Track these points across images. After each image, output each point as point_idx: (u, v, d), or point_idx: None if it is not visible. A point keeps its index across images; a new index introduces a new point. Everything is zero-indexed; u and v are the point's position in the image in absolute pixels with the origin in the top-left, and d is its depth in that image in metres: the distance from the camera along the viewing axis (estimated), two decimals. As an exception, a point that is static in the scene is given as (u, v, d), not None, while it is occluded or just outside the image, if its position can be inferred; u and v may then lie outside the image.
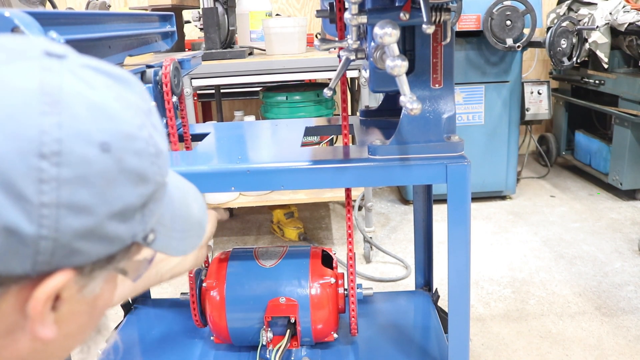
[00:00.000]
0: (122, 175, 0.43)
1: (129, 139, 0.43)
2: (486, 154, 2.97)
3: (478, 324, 1.93)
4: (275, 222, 2.79)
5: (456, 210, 0.99)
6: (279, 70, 2.25)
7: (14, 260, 0.39)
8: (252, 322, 1.21)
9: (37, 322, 0.43)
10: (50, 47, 0.43)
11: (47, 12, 1.10)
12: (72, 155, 0.40)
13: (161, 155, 0.47)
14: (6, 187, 0.37)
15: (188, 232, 0.56)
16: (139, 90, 0.48)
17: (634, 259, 2.34)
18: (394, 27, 0.79)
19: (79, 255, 0.42)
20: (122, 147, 0.43)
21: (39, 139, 0.38)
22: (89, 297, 0.47)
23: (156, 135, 0.47)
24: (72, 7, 3.50)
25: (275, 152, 1.22)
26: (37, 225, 0.39)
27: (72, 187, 0.40)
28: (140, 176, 0.44)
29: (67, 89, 0.41)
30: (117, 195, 0.42)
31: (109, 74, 0.46)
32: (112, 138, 0.42)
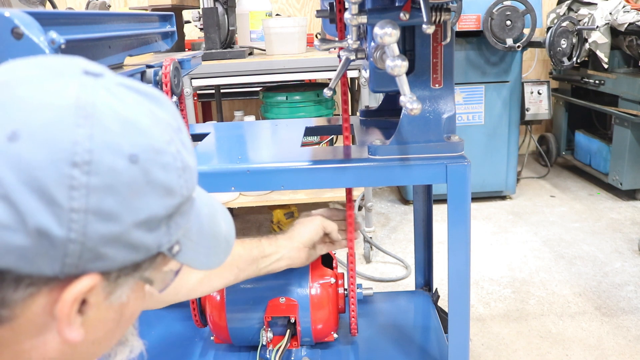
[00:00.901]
0: (148, 187, 0.45)
1: (157, 152, 0.46)
2: (486, 154, 2.97)
3: (478, 324, 1.93)
4: (275, 222, 2.78)
5: (456, 210, 0.99)
6: (279, 70, 2.25)
7: (44, 262, 0.42)
8: (252, 322, 1.21)
9: (64, 323, 0.45)
10: (89, 66, 0.47)
11: (47, 12, 1.10)
12: (101, 164, 0.42)
13: (188, 170, 0.50)
14: (40, 192, 0.40)
15: (215, 248, 0.58)
16: (169, 109, 0.51)
17: (634, 259, 2.34)
18: (394, 27, 0.79)
19: (105, 261, 0.44)
20: (150, 159, 0.45)
21: (72, 149, 0.41)
22: (116, 304, 0.49)
23: (184, 151, 0.50)
24: (72, 7, 3.50)
25: (275, 152, 1.22)
26: (66, 229, 0.41)
27: (100, 195, 0.42)
28: (166, 188, 0.47)
29: (100, 104, 0.44)
30: (142, 205, 0.45)
31: (142, 92, 0.48)
32: (140, 151, 0.45)
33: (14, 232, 0.40)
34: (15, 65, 0.45)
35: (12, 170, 0.40)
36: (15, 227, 0.40)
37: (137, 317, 0.55)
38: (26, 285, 0.43)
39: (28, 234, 0.40)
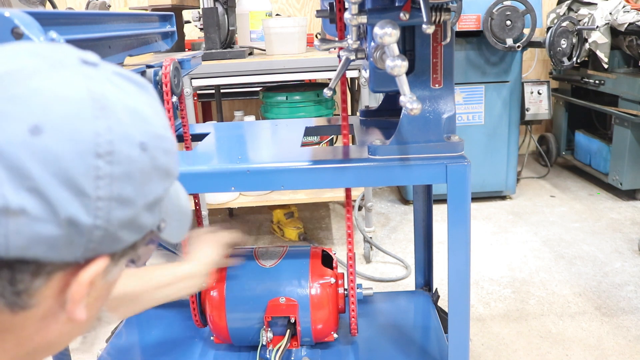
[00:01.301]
0: (155, 171, 0.48)
1: (160, 139, 0.49)
2: (486, 154, 2.97)
3: (478, 324, 1.93)
4: (275, 222, 2.79)
5: (456, 210, 0.99)
6: (279, 70, 2.25)
7: (69, 249, 0.44)
8: (252, 322, 1.21)
9: (77, 304, 0.47)
10: (83, 55, 0.49)
11: (47, 12, 1.10)
12: (121, 154, 0.45)
13: (177, 153, 0.54)
14: (68, 183, 0.42)
15: (182, 221, 0.62)
16: (155, 95, 0.54)
17: (634, 259, 2.34)
18: (394, 27, 0.79)
19: (119, 243, 0.47)
20: (156, 146, 0.48)
21: (95, 141, 0.43)
22: (110, 281, 0.52)
23: (173, 135, 0.53)
24: (72, 7, 3.50)
25: (275, 152, 1.22)
26: (93, 217, 0.44)
27: (121, 183, 0.45)
28: (167, 172, 0.50)
29: (110, 95, 0.46)
30: (151, 189, 0.48)
31: (132, 81, 0.51)
32: (148, 138, 0.48)
33: (46, 223, 0.42)
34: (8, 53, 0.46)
35: (40, 164, 0.41)
36: (46, 219, 0.42)
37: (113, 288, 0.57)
38: (47, 273, 0.45)
39: (59, 224, 0.42)
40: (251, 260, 1.27)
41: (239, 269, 1.25)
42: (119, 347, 1.37)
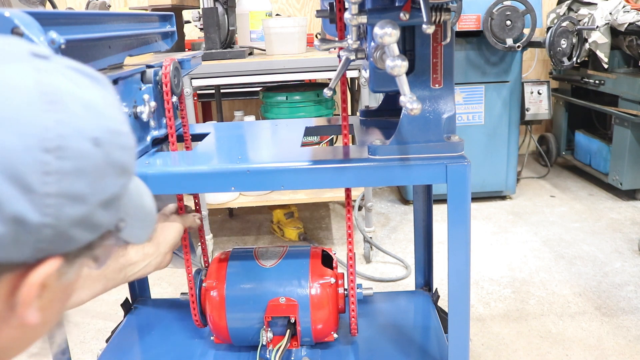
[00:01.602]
0: (109, 167, 0.47)
1: (116, 134, 0.48)
2: (486, 154, 2.97)
3: (478, 324, 1.93)
4: (275, 222, 2.79)
5: (456, 210, 0.99)
6: (279, 70, 2.25)
7: (16, 248, 0.42)
8: (252, 322, 1.21)
9: (27, 307, 0.45)
10: (33, 48, 0.47)
11: (47, 12, 1.10)
12: (71, 149, 0.43)
13: (135, 149, 0.52)
14: (14, 179, 0.40)
15: (145, 221, 0.61)
16: (112, 90, 0.52)
17: (634, 259, 2.34)
18: (394, 27, 0.79)
19: (71, 243, 0.45)
20: (110, 141, 0.47)
21: (43, 135, 0.42)
22: (66, 284, 0.49)
23: (130, 131, 0.52)
24: (72, 7, 3.50)
25: (275, 152, 1.22)
26: (40, 214, 0.42)
27: (71, 179, 0.43)
28: (123, 168, 0.49)
29: (62, 88, 0.45)
30: (105, 185, 0.47)
31: (88, 75, 0.49)
32: (102, 133, 0.46)
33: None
34: None
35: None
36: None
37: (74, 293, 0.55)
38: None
39: (4, 221, 0.40)
40: (251, 260, 1.27)
41: (239, 269, 1.25)
42: (119, 347, 1.37)
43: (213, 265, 1.26)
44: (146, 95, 1.09)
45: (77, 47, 0.90)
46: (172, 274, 2.38)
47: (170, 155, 1.11)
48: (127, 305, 1.52)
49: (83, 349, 1.92)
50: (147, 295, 1.60)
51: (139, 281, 1.57)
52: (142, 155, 1.08)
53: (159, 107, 1.14)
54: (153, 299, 1.59)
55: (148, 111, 1.07)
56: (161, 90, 1.12)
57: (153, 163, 1.03)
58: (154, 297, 1.62)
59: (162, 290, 2.29)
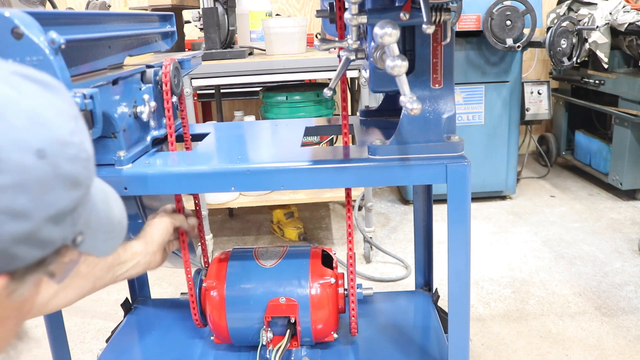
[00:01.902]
0: (57, 181, 0.44)
1: (63, 145, 0.45)
2: (486, 154, 2.97)
3: (478, 324, 1.93)
4: (275, 222, 2.79)
5: (456, 210, 0.99)
6: (279, 70, 2.25)
7: None
8: (252, 322, 1.21)
9: None
10: None
11: (47, 12, 1.10)
12: (9, 162, 0.40)
13: (90, 160, 0.49)
14: None
15: (111, 233, 0.58)
16: (66, 96, 0.49)
17: (634, 259, 2.34)
18: (394, 27, 0.79)
19: (16, 260, 0.43)
20: (57, 153, 0.44)
21: None
22: (18, 301, 0.47)
23: (85, 140, 0.49)
24: (72, 7, 3.50)
25: (275, 152, 1.22)
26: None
27: (11, 194, 0.40)
28: (74, 181, 0.46)
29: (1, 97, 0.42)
30: (52, 200, 0.44)
31: (37, 81, 0.47)
32: (47, 145, 0.43)
33: None
34: None
35: None
36: None
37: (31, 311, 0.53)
38: None
39: None
40: (251, 260, 1.27)
41: (239, 269, 1.25)
42: (119, 347, 1.37)
43: (213, 265, 1.26)
44: (146, 95, 1.09)
45: (77, 47, 0.90)
46: (172, 274, 2.38)
47: (170, 155, 1.11)
48: (127, 305, 1.52)
49: (83, 349, 1.92)
50: (147, 295, 1.60)
51: (139, 281, 1.57)
52: (142, 155, 1.08)
53: (159, 107, 1.14)
54: (153, 299, 1.59)
55: (148, 111, 1.07)
56: (161, 90, 1.12)
57: (153, 163, 1.03)
58: (154, 297, 1.62)
59: (162, 290, 2.29)
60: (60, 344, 1.29)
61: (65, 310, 1.26)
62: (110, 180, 0.98)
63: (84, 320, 2.10)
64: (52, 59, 0.74)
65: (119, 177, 0.99)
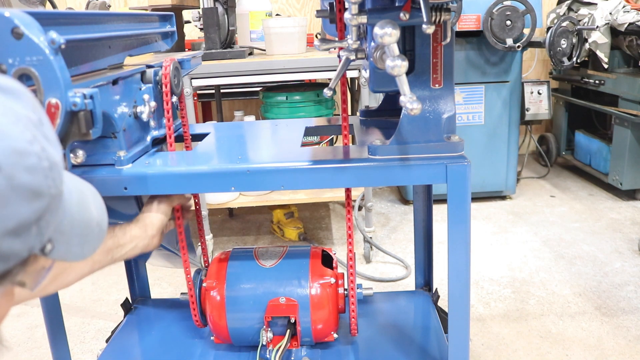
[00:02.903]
0: (14, 193, 0.42)
1: (20, 155, 0.43)
2: (486, 154, 2.97)
3: (478, 324, 1.93)
4: (275, 222, 2.79)
5: (456, 210, 0.99)
6: (279, 70, 2.25)
7: None
8: (252, 322, 1.21)
9: None
10: None
11: (47, 12, 1.10)
12: None
13: (55, 168, 0.47)
14: None
15: (87, 235, 0.56)
16: (28, 101, 0.47)
17: (634, 259, 2.34)
18: (394, 27, 0.79)
19: None
20: (13, 164, 0.42)
21: None
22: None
23: (49, 147, 0.46)
24: (72, 7, 3.50)
25: (275, 152, 1.22)
26: None
27: None
28: (34, 192, 0.44)
29: None
30: (10, 213, 0.42)
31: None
32: (1, 156, 0.41)
33: None
34: None
35: None
36: None
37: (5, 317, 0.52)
38: None
39: None
40: (251, 260, 1.27)
41: (239, 269, 1.25)
42: (119, 347, 1.37)
43: (213, 265, 1.27)
44: (146, 95, 1.09)
45: (77, 47, 0.90)
46: (172, 274, 2.38)
47: (170, 155, 1.11)
48: (127, 305, 1.52)
49: (83, 349, 1.92)
50: (147, 295, 1.60)
51: (138, 281, 1.57)
52: (142, 155, 1.08)
53: (159, 107, 1.14)
54: (153, 299, 1.59)
55: (148, 111, 1.07)
56: (161, 90, 1.12)
57: (153, 163, 1.03)
58: (154, 297, 1.62)
59: (162, 290, 2.29)
60: (60, 344, 1.29)
61: (65, 310, 1.26)
62: (110, 180, 0.99)
63: (84, 320, 2.10)
64: (52, 59, 0.74)
65: (119, 177, 0.99)
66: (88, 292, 2.30)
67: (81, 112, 0.78)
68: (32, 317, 2.11)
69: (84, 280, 1.34)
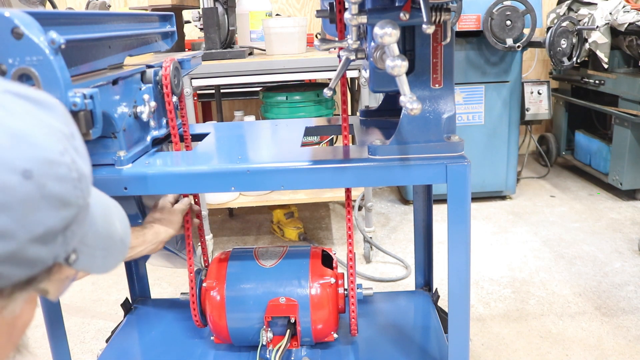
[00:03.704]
0: (44, 201, 0.44)
1: (51, 165, 0.44)
2: (486, 154, 2.97)
3: (478, 324, 1.93)
4: (275, 222, 2.79)
5: (456, 210, 0.99)
6: (279, 70, 2.25)
7: None
8: (252, 322, 1.21)
9: None
10: None
11: (47, 12, 1.10)
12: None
13: (84, 179, 0.48)
14: None
15: (110, 249, 0.57)
16: (61, 114, 0.49)
17: (634, 259, 2.34)
18: (394, 27, 0.79)
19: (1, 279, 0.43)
20: (44, 173, 0.44)
21: None
22: (8, 318, 0.47)
23: (78, 159, 0.48)
24: (72, 7, 3.50)
25: (275, 152, 1.22)
26: None
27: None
28: (63, 201, 0.45)
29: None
30: (38, 220, 0.43)
31: (30, 99, 0.46)
32: (34, 165, 0.43)
33: None
34: None
35: None
36: None
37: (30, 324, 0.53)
38: None
39: None
40: (251, 260, 1.27)
41: (239, 269, 1.25)
42: (119, 347, 1.37)
43: (213, 265, 1.27)
44: (146, 95, 1.09)
45: (77, 47, 0.90)
46: (172, 274, 2.38)
47: (170, 155, 1.11)
48: (127, 305, 1.52)
49: (83, 349, 1.92)
50: (147, 295, 1.60)
51: (138, 281, 1.57)
52: (142, 155, 1.08)
53: (159, 107, 1.14)
54: (153, 299, 1.59)
55: (148, 111, 1.07)
56: (161, 90, 1.12)
57: (153, 163, 1.03)
58: (154, 297, 1.62)
59: (162, 290, 2.29)
60: (60, 344, 1.29)
61: (65, 310, 1.26)
62: (110, 180, 0.99)
63: (84, 320, 2.10)
64: (52, 59, 0.74)
65: (119, 177, 0.99)
66: (88, 292, 2.30)
67: (81, 112, 0.78)
68: (32, 317, 2.11)
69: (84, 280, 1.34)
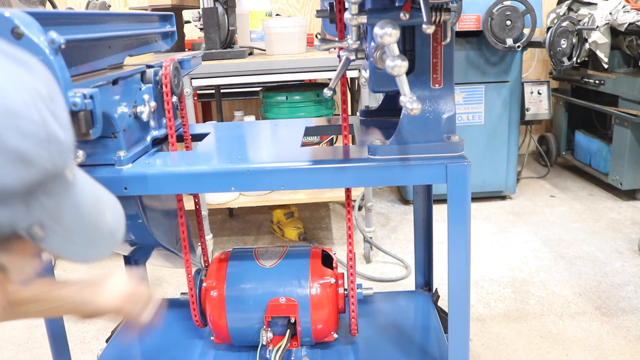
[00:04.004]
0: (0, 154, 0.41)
1: (13, 115, 0.41)
2: (486, 154, 2.97)
3: (478, 324, 1.93)
4: (275, 222, 2.79)
5: (456, 210, 0.99)
6: (279, 70, 2.25)
7: None
8: (252, 322, 1.21)
9: None
10: None
11: (47, 12, 1.10)
12: None
13: (55, 143, 0.45)
14: None
15: (95, 238, 0.54)
16: (41, 76, 0.47)
17: (634, 259, 2.34)
18: (394, 27, 0.79)
19: None
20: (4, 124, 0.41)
21: None
22: None
23: (52, 121, 0.45)
24: (72, 7, 3.50)
25: (275, 152, 1.22)
26: None
27: None
28: (22, 157, 0.42)
29: None
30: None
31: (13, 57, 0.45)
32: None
33: None
34: None
35: None
36: None
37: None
38: None
39: None
40: (251, 260, 1.27)
41: (239, 269, 1.25)
42: (119, 347, 1.37)
43: (213, 265, 1.27)
44: (146, 95, 1.09)
45: (77, 47, 0.90)
46: (172, 274, 2.38)
47: (170, 155, 1.11)
48: (127, 305, 1.52)
49: (83, 349, 1.92)
50: (147, 295, 1.60)
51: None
52: (142, 155, 1.08)
53: (159, 107, 1.14)
54: (153, 299, 1.59)
55: (148, 111, 1.07)
56: (161, 90, 1.12)
57: (153, 163, 1.03)
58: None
59: (162, 290, 2.29)
60: (60, 344, 1.29)
61: (65, 310, 1.25)
62: (110, 180, 0.99)
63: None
64: (52, 59, 0.74)
65: (119, 177, 0.99)
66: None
67: (81, 112, 0.78)
68: (32, 317, 2.11)
69: (84, 280, 1.33)
